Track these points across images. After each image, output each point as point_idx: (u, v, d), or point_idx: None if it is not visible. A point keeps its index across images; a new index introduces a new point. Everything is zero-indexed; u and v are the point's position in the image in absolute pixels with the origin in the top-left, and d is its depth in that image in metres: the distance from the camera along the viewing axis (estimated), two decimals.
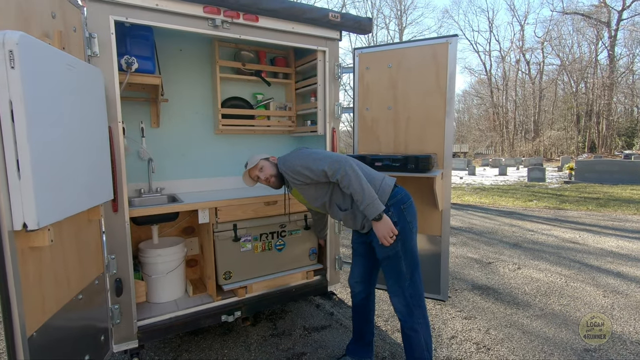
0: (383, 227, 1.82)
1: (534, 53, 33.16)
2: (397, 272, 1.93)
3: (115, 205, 2.00)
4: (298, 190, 2.05)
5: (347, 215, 1.99)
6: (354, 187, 1.80)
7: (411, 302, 1.93)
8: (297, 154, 2.00)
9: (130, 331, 2.11)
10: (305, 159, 1.93)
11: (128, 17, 1.99)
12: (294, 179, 1.97)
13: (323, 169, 1.86)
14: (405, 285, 1.93)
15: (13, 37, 1.13)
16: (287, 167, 1.97)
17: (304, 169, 1.91)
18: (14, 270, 1.19)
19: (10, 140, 1.15)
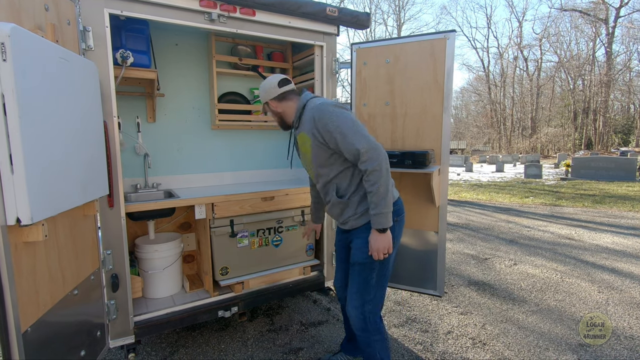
0: (382, 241, 1.65)
1: (531, 50, 33.19)
2: (364, 282, 1.77)
3: (111, 200, 1.99)
4: (310, 143, 1.75)
5: (338, 204, 1.80)
6: (379, 188, 1.58)
7: (368, 318, 1.79)
8: (336, 110, 1.65)
9: (127, 327, 2.11)
10: (344, 123, 1.61)
11: (123, 10, 1.96)
12: (317, 133, 1.67)
13: (357, 148, 1.58)
14: (367, 299, 1.78)
15: (4, 29, 1.11)
16: (318, 115, 1.65)
17: (336, 131, 1.61)
18: (7, 265, 1.18)
19: (3, 134, 1.14)
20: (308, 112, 1.72)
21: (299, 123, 1.80)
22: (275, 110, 1.87)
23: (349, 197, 1.76)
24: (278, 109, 1.85)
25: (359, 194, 1.75)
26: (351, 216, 1.79)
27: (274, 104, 1.85)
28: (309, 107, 1.73)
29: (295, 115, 1.81)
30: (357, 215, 1.78)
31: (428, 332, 2.71)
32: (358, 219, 1.78)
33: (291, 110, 1.84)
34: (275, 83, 1.83)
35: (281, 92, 1.82)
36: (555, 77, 32.24)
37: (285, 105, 1.84)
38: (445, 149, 2.44)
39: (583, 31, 29.37)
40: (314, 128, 1.68)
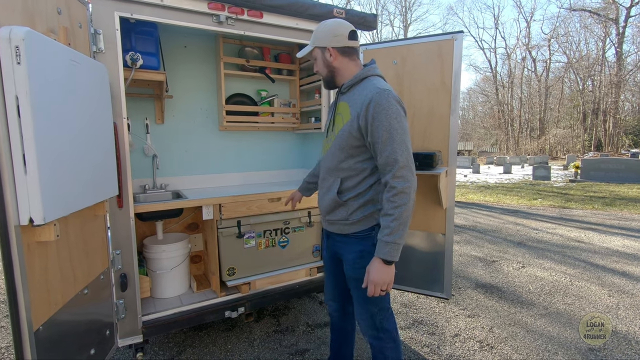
0: (385, 275, 1.43)
1: (540, 50, 32.87)
2: (365, 296, 1.56)
3: (120, 201, 2.01)
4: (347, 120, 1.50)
5: (333, 199, 1.59)
6: (403, 214, 1.38)
7: (380, 326, 1.66)
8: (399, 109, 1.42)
9: (135, 326, 2.13)
10: (399, 126, 1.40)
11: (133, 13, 1.99)
12: (364, 116, 1.43)
13: (397, 158, 1.39)
14: (373, 310, 1.64)
15: (19, 32, 1.14)
16: (379, 100, 1.40)
17: (386, 129, 1.39)
18: (20, 265, 1.20)
19: (17, 135, 1.16)
20: (368, 87, 1.47)
21: (349, 90, 1.56)
22: (331, 62, 1.56)
23: (348, 200, 1.56)
24: (335, 62, 1.55)
25: (358, 200, 1.55)
26: (341, 220, 1.59)
27: (334, 54, 1.54)
28: (372, 83, 1.48)
29: (351, 80, 1.54)
30: (348, 222, 1.58)
31: (435, 334, 2.70)
32: (347, 226, 1.59)
33: (348, 72, 1.57)
34: (347, 32, 1.54)
35: (349, 45, 1.55)
36: (564, 78, 31.88)
37: (345, 62, 1.56)
38: (453, 150, 2.42)
39: (593, 31, 29.02)
40: (365, 109, 1.42)
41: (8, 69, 1.14)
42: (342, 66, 1.57)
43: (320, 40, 1.56)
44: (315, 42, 1.58)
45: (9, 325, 2.91)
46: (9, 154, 1.17)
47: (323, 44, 1.55)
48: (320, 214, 1.76)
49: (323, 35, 1.56)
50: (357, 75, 1.53)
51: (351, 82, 1.54)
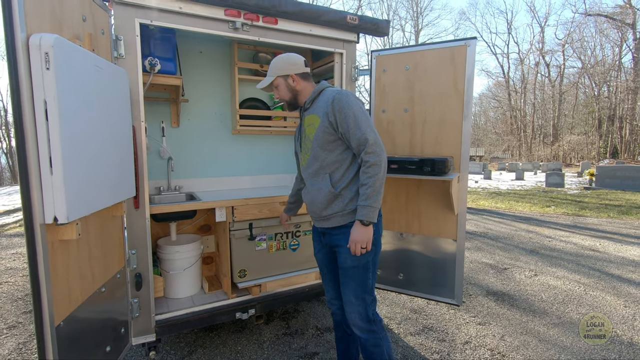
0: (364, 234, 1.62)
1: (554, 55, 32.41)
2: (362, 284, 1.74)
3: (137, 202, 2.06)
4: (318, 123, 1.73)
5: (328, 194, 1.73)
6: (376, 182, 1.59)
7: (372, 319, 1.77)
8: (356, 100, 1.69)
9: (148, 325, 2.17)
10: (360, 112, 1.65)
11: (152, 20, 2.05)
12: (331, 113, 1.67)
13: (367, 137, 1.61)
14: (368, 300, 1.76)
15: (48, 39, 1.19)
16: (339, 97, 1.66)
17: (352, 117, 1.63)
18: (44, 262, 1.24)
19: (44, 137, 1.21)
20: (327, 94, 1.73)
21: (311, 105, 1.81)
22: (294, 86, 1.82)
23: (341, 190, 1.72)
24: (298, 86, 1.82)
25: (350, 189, 1.72)
26: (339, 212, 1.73)
27: (297, 80, 1.81)
28: (329, 90, 1.76)
29: (310, 97, 1.81)
30: (344, 212, 1.73)
31: (445, 341, 2.68)
32: (345, 216, 1.73)
33: (307, 92, 1.84)
34: (302, 61, 1.83)
35: (306, 71, 1.84)
36: (579, 84, 31.35)
37: (305, 85, 1.83)
38: (465, 156, 2.42)
39: (608, 36, 28.52)
40: (329, 107, 1.68)
41: (37, 74, 1.19)
42: (302, 88, 1.84)
43: (282, 70, 1.82)
44: (277, 72, 1.82)
45: (26, 322, 2.99)
46: (37, 156, 1.22)
47: (286, 73, 1.81)
48: (313, 218, 1.91)
49: (284, 65, 1.82)
50: (315, 91, 1.81)
51: (312, 97, 1.81)
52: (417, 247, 2.66)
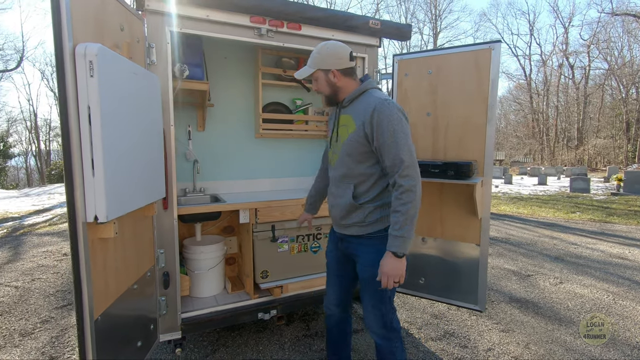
0: (397, 268, 1.51)
1: (578, 57, 31.44)
2: (380, 296, 1.68)
3: (166, 202, 2.14)
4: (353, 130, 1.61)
5: (348, 205, 1.66)
6: (410, 210, 1.48)
7: (390, 326, 1.73)
8: (400, 115, 1.55)
9: (175, 322, 2.23)
10: (401, 130, 1.52)
11: (182, 28, 2.13)
12: (369, 124, 1.55)
13: (402, 159, 1.50)
14: (385, 310, 1.71)
15: (93, 49, 1.26)
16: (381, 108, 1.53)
17: (390, 134, 1.50)
18: (85, 258, 1.31)
19: (87, 141, 1.28)
20: (369, 98, 1.60)
21: (350, 104, 1.68)
22: (334, 82, 1.66)
23: (363, 203, 1.65)
24: (339, 82, 1.66)
25: (374, 203, 1.65)
26: (358, 222, 1.67)
27: (338, 76, 1.65)
28: (373, 95, 1.61)
29: (352, 94, 1.66)
30: (365, 223, 1.66)
31: (467, 347, 2.64)
32: (364, 227, 1.66)
33: (348, 89, 1.68)
34: (348, 54, 1.65)
35: (350, 66, 1.67)
36: (605, 85, 30.28)
37: (347, 82, 1.67)
38: (489, 160, 2.39)
39: (637, 36, 27.47)
40: (368, 116, 1.55)
41: (82, 81, 1.26)
42: (344, 85, 1.68)
43: (324, 63, 1.65)
44: (319, 65, 1.66)
45: (58, 317, 3.12)
46: (80, 159, 1.29)
47: (327, 67, 1.65)
48: (332, 220, 1.84)
49: (326, 58, 1.65)
50: (357, 90, 1.66)
51: (352, 97, 1.67)
52: (439, 252, 2.64)
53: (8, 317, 3.13)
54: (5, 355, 2.55)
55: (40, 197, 12.21)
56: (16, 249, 5.39)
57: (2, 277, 4.16)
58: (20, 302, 3.44)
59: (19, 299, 3.51)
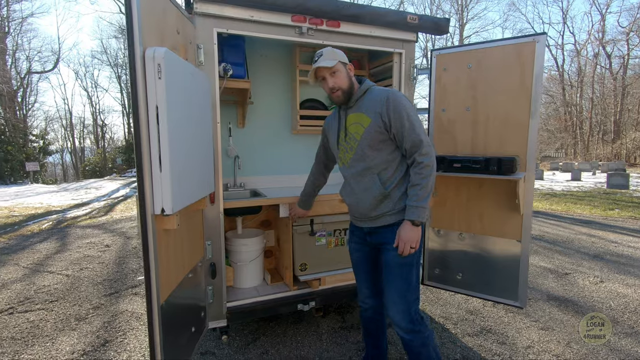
0: (414, 234, 1.63)
1: (616, 45, 29.70)
2: (407, 282, 1.74)
3: (213, 197, 2.24)
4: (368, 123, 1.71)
5: (378, 195, 1.73)
6: (428, 183, 1.62)
7: (415, 318, 1.74)
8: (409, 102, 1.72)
9: (221, 311, 2.35)
10: (415, 114, 1.68)
11: (229, 29, 2.21)
12: (385, 113, 1.67)
13: (421, 139, 1.64)
14: (411, 299, 1.74)
15: (161, 52, 1.35)
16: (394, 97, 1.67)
17: (407, 118, 1.65)
18: (154, 248, 1.42)
19: (155, 139, 1.38)
20: (378, 92, 1.73)
21: (355, 104, 1.79)
22: (351, 75, 1.80)
23: (391, 190, 1.73)
24: (352, 77, 1.80)
25: (400, 189, 1.74)
26: (389, 211, 1.74)
27: (352, 71, 1.81)
28: (378, 89, 1.76)
29: (357, 94, 1.78)
30: (394, 211, 1.74)
31: (505, 344, 2.63)
32: (394, 215, 1.74)
33: (355, 87, 1.81)
34: None
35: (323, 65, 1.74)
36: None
37: (354, 80, 1.82)
38: (532, 155, 2.35)
39: None
40: (383, 107, 1.67)
41: (151, 83, 1.36)
42: (354, 81, 1.81)
43: (343, 57, 1.79)
44: (340, 58, 1.77)
45: (107, 304, 3.33)
46: (149, 155, 1.39)
47: (345, 60, 1.79)
48: (356, 219, 1.92)
49: (341, 55, 1.79)
50: (361, 89, 1.79)
51: (357, 96, 1.79)
52: (477, 248, 2.62)
53: (63, 302, 3.37)
54: (65, 337, 2.76)
55: (78, 192, 12.89)
56: (62, 240, 5.75)
57: (53, 265, 4.47)
58: (72, 289, 3.69)
59: (71, 286, 3.76)
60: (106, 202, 10.32)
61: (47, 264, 4.55)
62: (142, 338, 2.72)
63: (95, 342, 2.67)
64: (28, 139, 19.37)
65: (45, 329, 2.89)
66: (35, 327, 2.91)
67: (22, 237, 6.02)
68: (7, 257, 4.83)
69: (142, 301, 3.36)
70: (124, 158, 22.95)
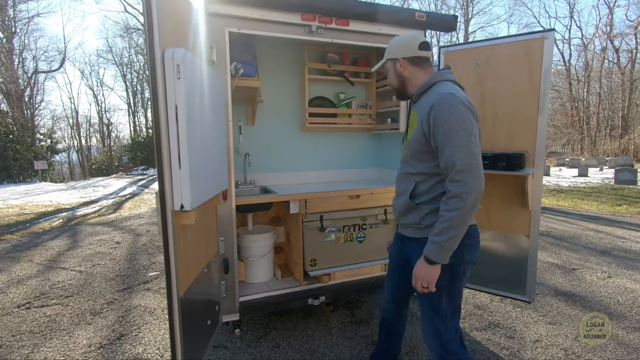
0: (426, 274, 1.44)
1: (624, 39, 29.31)
2: (433, 309, 1.57)
3: (225, 193, 2.29)
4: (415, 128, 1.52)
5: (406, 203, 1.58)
6: (454, 219, 1.35)
7: (445, 346, 1.59)
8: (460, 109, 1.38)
9: (234, 305, 2.40)
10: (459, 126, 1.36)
11: (240, 29, 2.25)
12: (426, 121, 1.44)
13: (454, 162, 1.35)
14: (441, 327, 1.57)
15: (179, 53, 1.40)
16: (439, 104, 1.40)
17: (444, 130, 1.37)
18: (174, 243, 1.46)
19: (175, 137, 1.42)
20: (433, 94, 1.47)
21: (419, 99, 1.57)
22: (401, 72, 1.60)
23: (420, 204, 1.55)
24: (405, 72, 1.59)
25: (431, 205, 1.53)
26: (414, 224, 1.59)
27: (404, 65, 1.59)
28: (438, 88, 1.48)
29: (420, 88, 1.56)
30: (420, 226, 1.56)
31: (514, 338, 2.66)
32: (419, 230, 1.57)
33: (418, 81, 1.58)
34: (417, 43, 1.57)
35: (418, 55, 1.57)
36: None
37: (415, 72, 1.59)
38: (540, 151, 2.37)
39: None
40: (427, 114, 1.43)
41: (171, 83, 1.40)
42: (412, 76, 1.60)
43: (392, 53, 1.63)
44: (387, 55, 1.65)
45: (121, 299, 3.40)
46: (168, 153, 1.44)
47: (394, 56, 1.62)
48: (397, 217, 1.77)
49: (394, 47, 1.62)
50: (425, 83, 1.54)
51: (420, 90, 1.56)
52: (484, 243, 2.65)
53: (78, 298, 3.45)
54: (81, 331, 2.83)
55: (86, 190, 13.03)
56: (74, 237, 5.85)
57: (66, 262, 4.56)
58: (85, 285, 3.77)
59: (84, 282, 3.84)
60: (114, 199, 10.44)
61: (60, 260, 4.64)
62: (156, 332, 2.79)
63: (110, 336, 2.74)
64: (36, 137, 19.58)
65: (62, 323, 2.97)
66: (52, 322, 2.99)
67: (34, 234, 6.13)
68: (20, 254, 4.93)
69: (155, 296, 3.43)
70: (130, 156, 23.13)
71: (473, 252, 1.57)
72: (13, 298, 3.48)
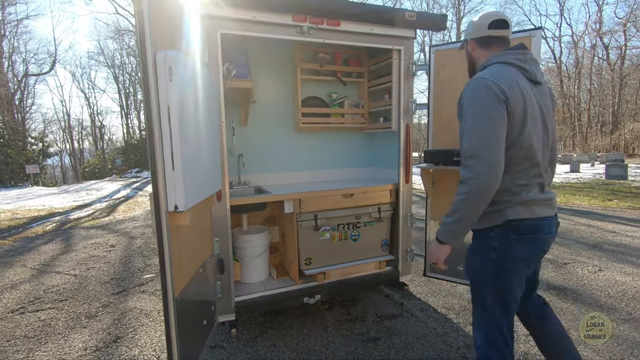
0: (435, 251, 1.46)
1: (613, 36, 29.70)
2: (480, 302, 1.52)
3: (219, 194, 2.30)
4: None
5: None
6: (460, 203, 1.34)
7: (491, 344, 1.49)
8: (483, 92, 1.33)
9: (229, 305, 2.41)
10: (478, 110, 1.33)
11: (232, 30, 2.26)
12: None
13: (465, 146, 1.35)
14: (484, 323, 1.51)
15: (171, 55, 1.41)
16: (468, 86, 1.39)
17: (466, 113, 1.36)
18: (168, 244, 1.48)
19: (168, 138, 1.44)
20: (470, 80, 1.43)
21: None
22: (470, 52, 1.58)
23: None
24: (473, 53, 1.56)
25: None
26: None
27: (472, 46, 1.55)
28: (480, 73, 1.42)
29: (477, 71, 1.50)
30: None
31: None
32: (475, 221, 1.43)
33: (481, 62, 1.52)
34: (487, 21, 1.49)
35: (485, 35, 1.50)
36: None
37: (481, 54, 1.53)
38: None
39: None
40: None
41: (163, 85, 1.41)
42: (478, 57, 1.55)
43: (466, 34, 1.59)
44: (466, 37, 1.60)
45: (116, 302, 3.39)
46: (162, 154, 1.45)
47: (466, 37, 1.58)
48: None
49: (468, 28, 1.58)
50: (481, 66, 1.49)
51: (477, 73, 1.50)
52: None
53: (73, 301, 3.43)
54: (77, 334, 2.82)
55: (79, 194, 12.92)
56: (67, 241, 5.81)
57: (60, 266, 4.53)
58: (80, 288, 3.75)
59: (79, 285, 3.82)
60: (108, 203, 10.37)
61: (54, 264, 4.61)
62: (153, 334, 2.79)
63: (106, 339, 2.74)
64: (27, 141, 19.38)
65: (57, 327, 2.96)
66: (47, 326, 2.97)
67: (27, 239, 6.08)
68: (13, 259, 4.89)
69: (150, 299, 3.43)
70: (124, 159, 22.97)
71: (524, 248, 1.44)
72: (7, 303, 3.45)
